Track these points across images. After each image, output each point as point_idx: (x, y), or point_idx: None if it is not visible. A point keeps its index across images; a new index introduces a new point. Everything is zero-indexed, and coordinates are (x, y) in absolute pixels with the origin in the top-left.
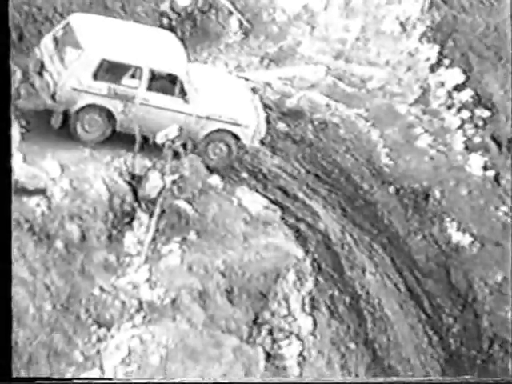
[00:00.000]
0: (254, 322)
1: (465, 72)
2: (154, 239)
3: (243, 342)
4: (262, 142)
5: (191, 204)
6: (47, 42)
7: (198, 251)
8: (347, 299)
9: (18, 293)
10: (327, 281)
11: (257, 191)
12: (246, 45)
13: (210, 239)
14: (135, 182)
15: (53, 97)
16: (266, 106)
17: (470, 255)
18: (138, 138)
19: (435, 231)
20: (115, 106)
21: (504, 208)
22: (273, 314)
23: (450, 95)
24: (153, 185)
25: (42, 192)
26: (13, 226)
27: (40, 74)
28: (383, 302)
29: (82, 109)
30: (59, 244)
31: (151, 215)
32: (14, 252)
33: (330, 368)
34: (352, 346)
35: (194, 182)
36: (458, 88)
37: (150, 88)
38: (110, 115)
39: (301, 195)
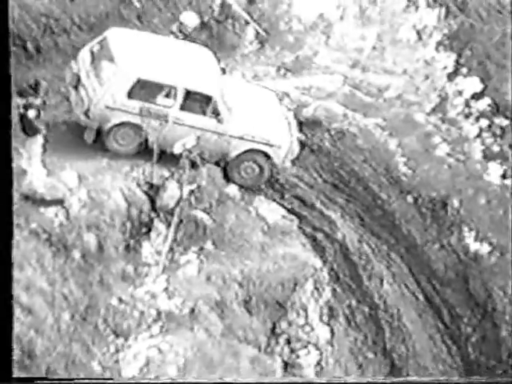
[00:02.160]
0: (272, 331)
1: (482, 81)
2: (171, 249)
3: (261, 352)
4: (293, 162)
5: (209, 214)
6: (84, 55)
7: (216, 261)
8: (365, 309)
9: (37, 303)
10: (345, 290)
11: (274, 201)
12: (262, 55)
13: (227, 249)
14: (153, 192)
15: (86, 113)
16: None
17: (489, 264)
18: (156, 149)
19: (453, 240)
20: (148, 124)
21: None
22: (290, 324)
23: (467, 104)
24: (170, 195)
25: (59, 202)
26: (31, 236)
27: (76, 87)
28: (401, 312)
29: (115, 126)
30: (77, 254)
31: (169, 225)
32: (32, 262)
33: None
34: (370, 355)
35: (211, 192)
36: (476, 97)
37: (183, 107)
38: (142, 131)
39: (318, 205)
